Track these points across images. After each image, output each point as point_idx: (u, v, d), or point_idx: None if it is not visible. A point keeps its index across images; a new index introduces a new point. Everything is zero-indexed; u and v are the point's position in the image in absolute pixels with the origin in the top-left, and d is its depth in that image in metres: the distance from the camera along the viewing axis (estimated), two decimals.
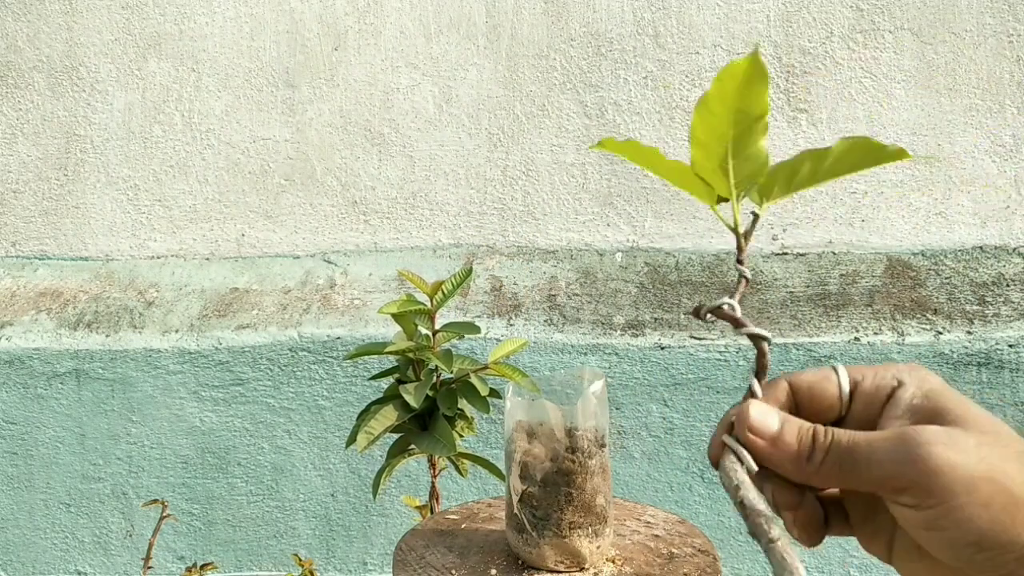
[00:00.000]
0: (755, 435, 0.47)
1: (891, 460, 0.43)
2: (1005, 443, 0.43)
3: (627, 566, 0.87)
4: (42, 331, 2.05)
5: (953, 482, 0.42)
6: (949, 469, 0.42)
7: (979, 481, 0.41)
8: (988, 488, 0.41)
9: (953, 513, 0.42)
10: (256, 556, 2.01)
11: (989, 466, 0.42)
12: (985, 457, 0.42)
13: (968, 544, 0.42)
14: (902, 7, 2.10)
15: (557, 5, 2.15)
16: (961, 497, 0.41)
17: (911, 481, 0.42)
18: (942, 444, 0.42)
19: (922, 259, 2.09)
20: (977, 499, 0.41)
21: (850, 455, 0.44)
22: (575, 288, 2.06)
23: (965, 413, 0.44)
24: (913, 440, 0.43)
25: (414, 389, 1.07)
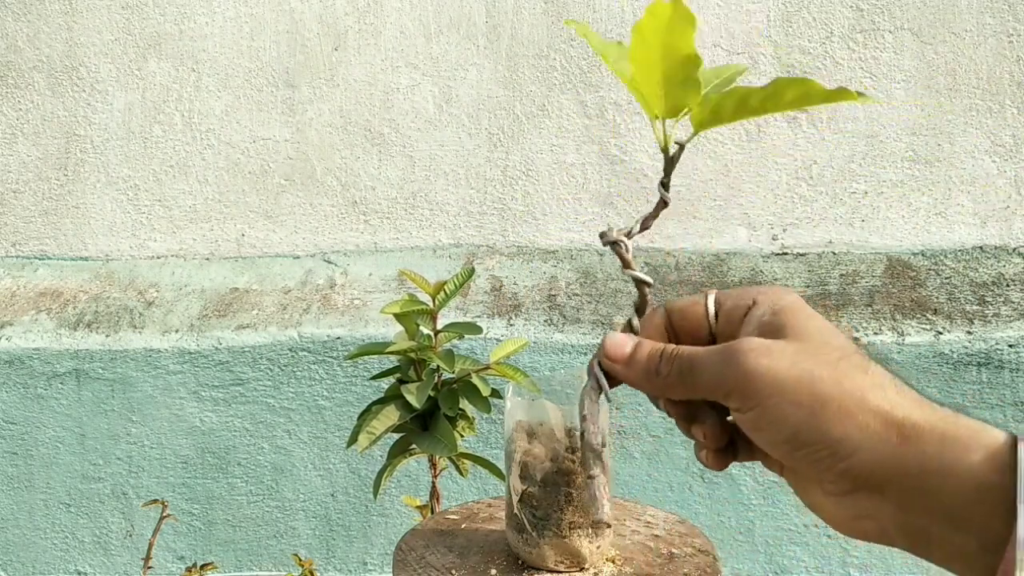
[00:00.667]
0: (611, 359, 0.54)
1: (717, 368, 0.48)
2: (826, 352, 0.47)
3: (627, 566, 0.87)
4: (42, 331, 2.05)
5: (765, 385, 0.46)
6: (762, 373, 0.47)
7: (789, 383, 0.46)
8: (797, 389, 0.46)
9: (768, 413, 0.47)
10: (256, 556, 2.01)
11: (800, 370, 0.46)
12: (798, 363, 0.46)
13: (784, 441, 0.47)
14: (902, 7, 2.10)
15: (557, 5, 2.15)
16: (773, 398, 0.46)
17: (732, 386, 0.48)
18: (757, 352, 0.47)
19: (922, 259, 2.09)
20: (787, 399, 0.46)
21: (688, 365, 0.50)
22: (575, 288, 2.06)
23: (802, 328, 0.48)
24: (734, 350, 0.48)
25: (416, 389, 1.07)
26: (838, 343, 0.48)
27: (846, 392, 0.46)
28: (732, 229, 2.13)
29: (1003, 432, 0.45)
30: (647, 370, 0.53)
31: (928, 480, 0.45)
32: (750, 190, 2.13)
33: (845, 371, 0.47)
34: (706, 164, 2.12)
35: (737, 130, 2.13)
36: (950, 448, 0.45)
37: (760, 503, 1.94)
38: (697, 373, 0.50)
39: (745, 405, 0.48)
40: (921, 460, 0.45)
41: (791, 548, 1.94)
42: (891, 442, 0.45)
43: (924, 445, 0.45)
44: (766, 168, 2.13)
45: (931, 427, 0.45)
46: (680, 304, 0.55)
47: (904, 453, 0.45)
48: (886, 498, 0.46)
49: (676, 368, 0.51)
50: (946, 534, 0.45)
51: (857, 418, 0.46)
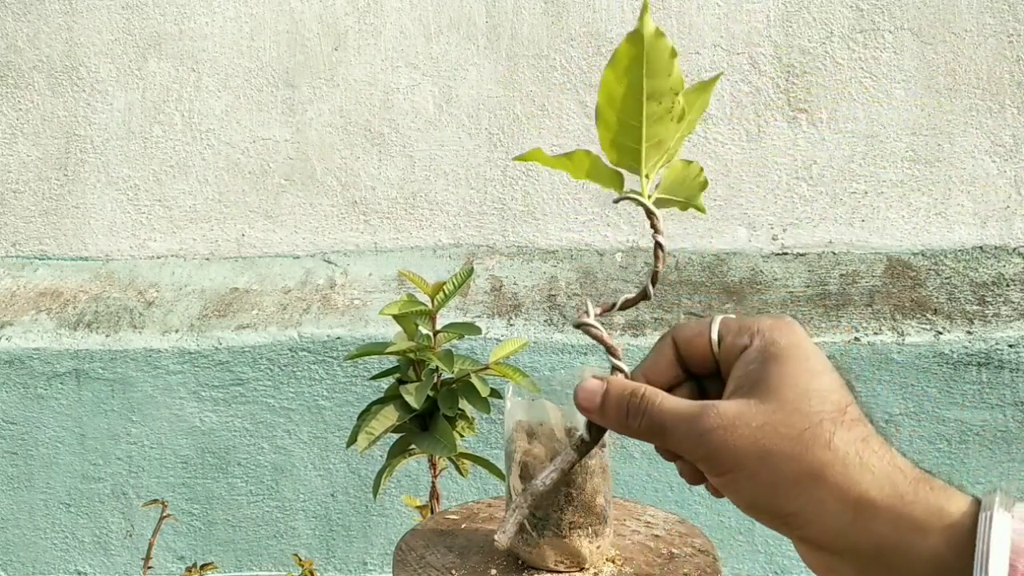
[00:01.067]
0: (584, 409, 0.55)
1: (685, 436, 0.50)
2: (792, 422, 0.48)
3: (627, 566, 0.87)
4: (42, 331, 2.05)
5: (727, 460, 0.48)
6: (723, 448, 0.48)
7: (749, 460, 0.48)
8: (755, 466, 0.48)
9: (730, 484, 0.49)
10: (256, 556, 2.01)
11: (759, 448, 0.48)
12: (759, 439, 0.48)
13: (746, 507, 0.49)
14: (902, 7, 2.10)
15: (557, 5, 2.15)
16: (734, 472, 0.48)
17: (701, 457, 0.50)
18: (721, 428, 0.49)
19: (922, 259, 2.09)
20: (745, 473, 0.48)
21: (658, 425, 0.52)
22: (575, 288, 2.06)
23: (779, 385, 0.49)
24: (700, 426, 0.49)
25: (415, 390, 1.07)
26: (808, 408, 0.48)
27: (803, 469, 0.47)
28: (732, 229, 2.13)
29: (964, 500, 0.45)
30: (618, 419, 0.54)
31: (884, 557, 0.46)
32: (750, 190, 2.13)
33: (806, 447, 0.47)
34: (706, 164, 2.12)
35: (737, 130, 2.13)
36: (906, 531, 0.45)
37: None
38: (668, 436, 0.52)
39: (711, 472, 0.50)
40: (876, 539, 0.46)
41: (791, 548, 1.93)
42: (845, 518, 0.46)
43: (879, 524, 0.46)
44: (766, 168, 2.13)
45: (887, 507, 0.46)
46: (686, 335, 0.55)
47: (859, 530, 0.46)
48: (844, 561, 0.48)
49: (646, 425, 0.52)
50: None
51: (811, 495, 0.47)
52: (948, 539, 0.44)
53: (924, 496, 0.46)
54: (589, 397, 0.55)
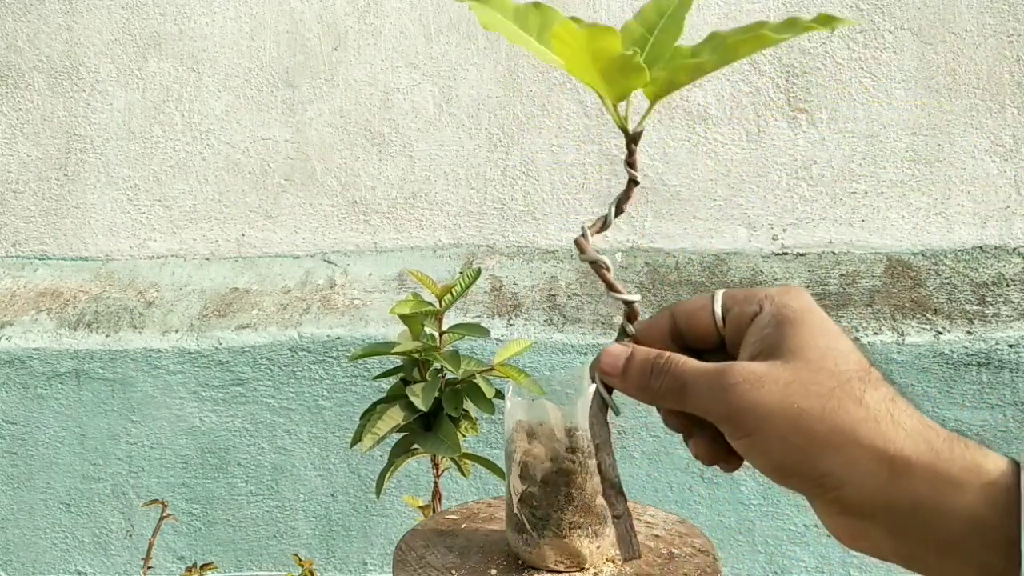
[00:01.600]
0: (607, 373, 0.53)
1: (708, 396, 0.48)
2: (820, 380, 0.46)
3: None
4: (42, 331, 2.05)
5: (754, 419, 0.46)
6: (752, 409, 0.46)
7: (777, 419, 0.46)
8: (784, 425, 0.46)
9: (757, 444, 0.47)
10: (256, 556, 2.01)
11: (788, 405, 0.46)
12: (788, 396, 0.46)
13: (773, 470, 0.47)
14: (902, 7, 2.10)
15: (557, 5, 2.15)
16: (761, 432, 0.46)
17: (721, 416, 0.48)
18: (748, 384, 0.47)
19: (922, 259, 2.09)
20: (774, 434, 0.46)
21: (680, 385, 0.50)
22: (575, 288, 2.06)
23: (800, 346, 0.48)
24: (723, 382, 0.48)
25: (421, 390, 1.07)
26: (835, 367, 0.47)
27: (835, 427, 0.45)
28: (732, 229, 2.13)
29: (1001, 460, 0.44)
30: (640, 383, 0.52)
31: (920, 515, 0.45)
32: (750, 190, 2.13)
33: (838, 403, 0.46)
34: (706, 164, 2.12)
35: (737, 130, 2.13)
36: (943, 487, 0.44)
37: (760, 503, 1.94)
38: (688, 395, 0.50)
39: (734, 434, 0.48)
40: (912, 497, 0.45)
41: (791, 548, 1.94)
42: (881, 477, 0.45)
43: (915, 483, 0.45)
44: (766, 168, 2.13)
45: (923, 464, 0.45)
46: (687, 308, 0.54)
47: (895, 489, 0.45)
48: (878, 525, 0.46)
49: (667, 386, 0.51)
50: (944, 564, 0.45)
51: (845, 454, 0.45)
52: (986, 496, 0.43)
53: (960, 453, 0.45)
54: (613, 362, 0.53)
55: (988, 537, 0.43)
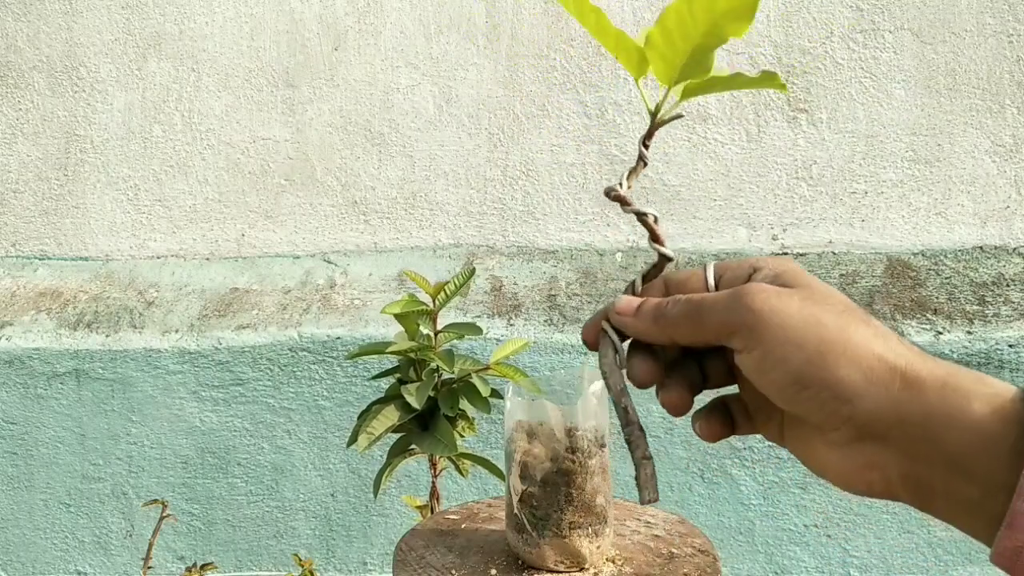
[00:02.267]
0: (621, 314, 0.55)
1: (724, 307, 0.49)
2: (831, 302, 0.48)
3: (627, 566, 0.87)
4: (42, 331, 2.05)
5: (772, 325, 0.47)
6: (769, 313, 0.48)
7: (795, 324, 0.47)
8: (803, 331, 0.47)
9: (773, 353, 0.47)
10: (256, 556, 2.01)
11: (807, 314, 0.47)
12: (805, 307, 0.48)
13: (789, 383, 0.47)
14: (902, 7, 2.10)
15: (557, 5, 2.15)
16: (779, 339, 0.47)
17: (739, 325, 0.48)
18: (766, 293, 0.48)
19: (922, 259, 2.09)
20: (793, 340, 0.47)
21: (696, 307, 0.51)
22: (575, 288, 2.06)
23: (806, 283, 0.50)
24: (743, 291, 0.49)
25: (416, 389, 1.07)
26: (841, 298, 0.49)
27: (850, 338, 0.47)
28: (732, 229, 2.13)
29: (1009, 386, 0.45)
30: (655, 314, 0.53)
31: (931, 428, 0.45)
32: (750, 190, 2.13)
33: (849, 320, 0.47)
34: (706, 164, 2.12)
35: (737, 130, 2.13)
36: (952, 397, 0.45)
37: (760, 503, 1.94)
38: (704, 313, 0.51)
39: (750, 345, 0.49)
40: (924, 407, 0.45)
41: (791, 548, 1.94)
42: (894, 388, 0.46)
43: (927, 393, 0.45)
44: (766, 168, 2.13)
45: (934, 377, 0.46)
46: (679, 276, 0.56)
47: (907, 399, 0.46)
48: (889, 446, 0.46)
49: (682, 309, 0.52)
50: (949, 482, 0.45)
51: (861, 362, 0.46)
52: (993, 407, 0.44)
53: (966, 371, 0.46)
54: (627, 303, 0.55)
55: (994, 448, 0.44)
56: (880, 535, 1.92)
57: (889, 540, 1.92)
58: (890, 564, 1.92)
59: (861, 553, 1.93)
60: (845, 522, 1.93)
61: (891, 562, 1.92)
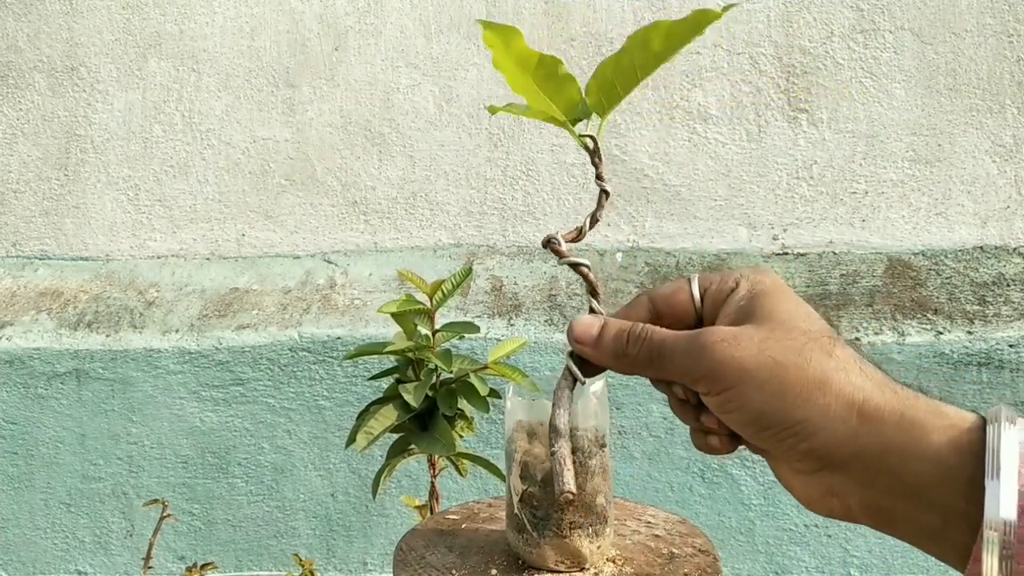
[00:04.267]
0: (579, 343, 0.56)
1: (686, 355, 0.51)
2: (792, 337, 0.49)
3: (627, 566, 0.87)
4: (42, 331, 2.05)
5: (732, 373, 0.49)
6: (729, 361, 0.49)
7: (753, 371, 0.48)
8: (761, 375, 0.48)
9: (735, 398, 0.49)
10: (256, 556, 2.01)
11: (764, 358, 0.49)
12: (764, 350, 0.49)
13: (751, 422, 0.49)
14: (902, 7, 2.10)
15: (557, 5, 2.15)
16: (739, 384, 0.49)
17: (700, 374, 0.50)
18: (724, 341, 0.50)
19: (922, 259, 2.09)
20: (752, 384, 0.48)
21: (657, 350, 0.53)
22: (575, 288, 2.06)
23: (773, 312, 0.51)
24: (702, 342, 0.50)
25: (413, 389, 1.07)
26: (806, 327, 0.50)
27: (808, 377, 0.48)
28: (732, 229, 2.13)
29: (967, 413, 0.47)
30: (615, 351, 0.55)
31: (888, 460, 0.47)
32: (750, 190, 2.13)
33: (809, 356, 0.48)
34: (706, 164, 2.12)
35: (737, 130, 2.13)
36: (909, 429, 0.46)
37: (760, 503, 1.94)
38: (666, 359, 0.52)
39: (713, 390, 0.50)
40: (881, 440, 0.47)
41: (791, 548, 1.94)
42: (851, 423, 0.47)
43: (884, 426, 0.47)
44: (766, 168, 2.13)
45: (891, 409, 0.47)
46: (663, 292, 0.57)
47: (865, 433, 0.47)
48: (849, 476, 0.48)
49: (644, 351, 0.53)
50: (909, 511, 0.47)
51: (818, 401, 0.47)
52: (950, 438, 0.46)
53: (924, 402, 0.47)
54: (585, 330, 0.56)
55: (952, 478, 0.45)
56: (880, 535, 1.92)
57: (889, 540, 1.92)
58: (890, 564, 1.92)
59: (861, 553, 1.93)
60: (845, 522, 1.93)
61: (891, 562, 1.92)
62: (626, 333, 0.54)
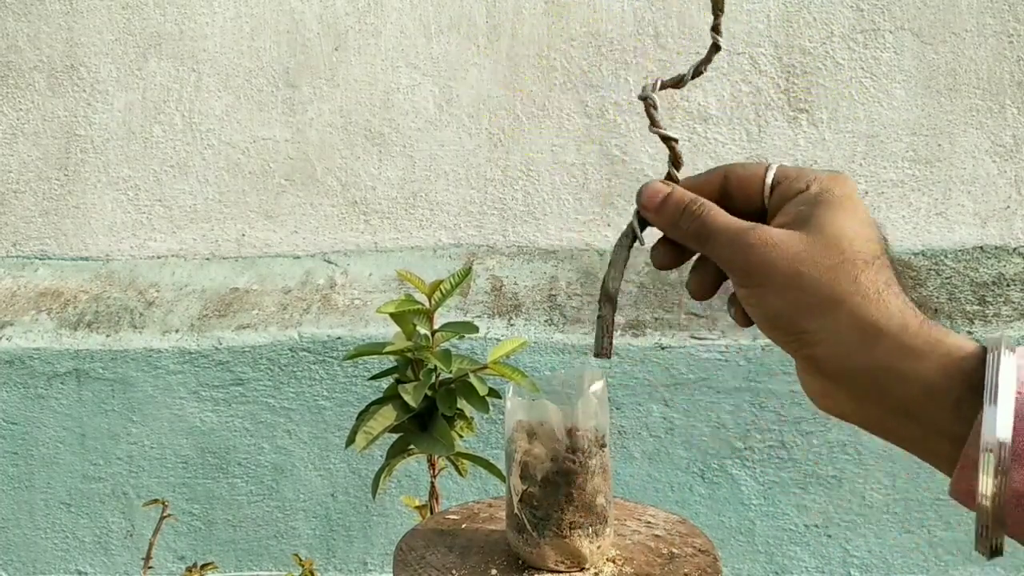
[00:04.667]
0: (645, 206, 0.59)
1: (729, 246, 0.55)
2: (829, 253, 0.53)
3: (627, 566, 0.86)
4: (42, 331, 2.05)
5: (760, 274, 0.53)
6: (759, 264, 0.53)
7: (779, 277, 0.52)
8: (785, 283, 0.52)
9: (756, 295, 0.54)
10: (256, 556, 2.01)
11: (791, 269, 0.52)
12: (793, 262, 0.52)
13: (764, 319, 0.54)
14: (902, 7, 2.10)
15: (557, 5, 2.15)
16: (764, 286, 0.53)
17: (734, 266, 0.54)
18: (764, 246, 0.53)
19: (922, 259, 2.09)
20: (773, 288, 0.53)
21: (706, 231, 0.56)
22: (575, 288, 2.06)
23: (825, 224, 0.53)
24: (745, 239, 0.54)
25: (413, 389, 1.07)
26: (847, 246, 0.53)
27: (825, 296, 0.52)
28: None
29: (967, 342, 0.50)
30: (672, 219, 0.58)
31: (880, 380, 0.51)
32: None
33: (834, 276, 0.52)
34: (706, 164, 2.12)
35: (737, 130, 2.13)
36: (903, 356, 0.50)
37: (760, 503, 1.94)
38: (709, 242, 0.56)
39: (743, 283, 0.54)
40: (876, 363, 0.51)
41: (791, 548, 1.94)
42: (851, 343, 0.51)
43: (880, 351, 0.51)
44: None
45: (892, 335, 0.51)
46: (739, 173, 0.59)
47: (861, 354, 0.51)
48: (841, 387, 0.52)
49: (694, 228, 0.57)
50: (898, 425, 0.51)
51: (827, 318, 0.52)
52: (941, 367, 0.49)
53: (927, 331, 0.51)
54: (652, 196, 0.59)
55: (939, 400, 0.49)
56: (880, 535, 1.92)
57: (889, 540, 1.92)
58: (890, 564, 1.92)
59: (861, 553, 1.93)
60: (845, 522, 1.93)
61: (891, 562, 1.92)
62: (684, 206, 0.57)
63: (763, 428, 1.92)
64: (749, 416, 1.92)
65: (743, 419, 1.92)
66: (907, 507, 1.91)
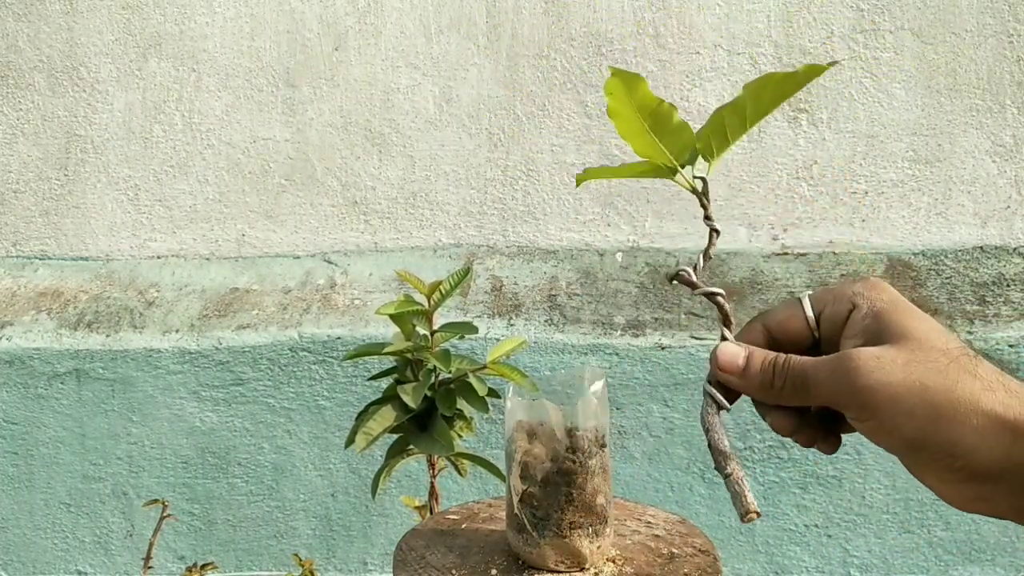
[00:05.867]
0: (725, 372, 0.56)
1: (831, 382, 0.51)
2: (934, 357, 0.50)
3: (627, 566, 0.86)
4: (42, 331, 2.05)
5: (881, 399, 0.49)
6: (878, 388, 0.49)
7: (903, 395, 0.49)
8: (911, 401, 0.49)
9: (885, 424, 0.50)
10: (256, 556, 2.01)
11: (912, 382, 0.49)
12: (911, 374, 0.49)
13: (902, 447, 0.50)
14: (902, 7, 2.10)
15: (557, 5, 2.15)
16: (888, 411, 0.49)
17: (848, 400, 0.51)
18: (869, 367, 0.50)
19: (922, 259, 2.09)
20: (902, 411, 0.49)
21: (802, 379, 0.53)
22: (575, 288, 2.06)
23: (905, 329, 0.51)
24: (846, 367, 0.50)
25: (412, 389, 1.07)
26: (942, 345, 0.50)
27: (958, 399, 0.49)
28: (733, 229, 2.13)
29: None
30: (762, 382, 0.55)
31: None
32: (750, 190, 2.13)
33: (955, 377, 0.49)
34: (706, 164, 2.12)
35: None
36: None
37: (760, 503, 1.94)
38: (811, 386, 0.52)
39: (861, 416, 0.51)
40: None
41: (791, 548, 1.94)
42: (1005, 441, 0.48)
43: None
44: (766, 168, 2.13)
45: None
46: (777, 317, 0.57)
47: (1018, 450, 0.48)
48: (1000, 486, 0.49)
49: (790, 382, 0.53)
50: None
51: (971, 422, 0.48)
52: None
53: None
54: (731, 360, 0.56)
55: None
56: (880, 535, 1.92)
57: (889, 540, 1.92)
58: (890, 564, 1.92)
59: (861, 553, 1.93)
60: (845, 522, 1.93)
61: (891, 562, 1.92)
62: (771, 364, 0.55)
63: (763, 428, 1.92)
64: (749, 416, 1.92)
65: (743, 419, 1.92)
66: (907, 507, 1.91)
